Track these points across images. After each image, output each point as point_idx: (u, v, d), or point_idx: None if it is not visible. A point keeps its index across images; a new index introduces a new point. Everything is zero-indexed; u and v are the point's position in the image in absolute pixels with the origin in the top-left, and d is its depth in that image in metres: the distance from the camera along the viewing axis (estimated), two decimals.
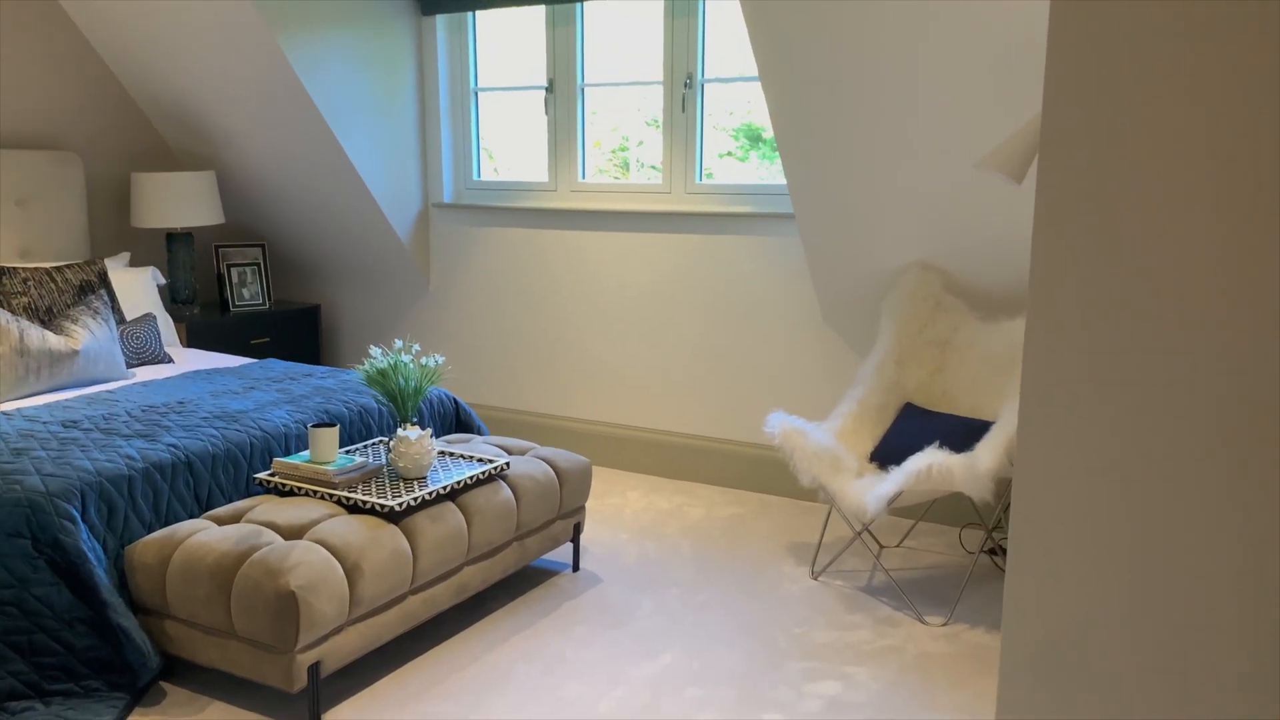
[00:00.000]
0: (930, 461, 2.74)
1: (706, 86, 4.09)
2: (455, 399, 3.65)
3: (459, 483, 2.86)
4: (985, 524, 3.23)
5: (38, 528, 2.42)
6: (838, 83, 3.13)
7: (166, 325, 4.24)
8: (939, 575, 3.31)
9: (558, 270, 4.45)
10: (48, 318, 3.67)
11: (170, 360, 3.94)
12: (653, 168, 4.31)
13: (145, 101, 4.59)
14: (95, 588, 2.44)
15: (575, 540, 3.31)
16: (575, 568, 3.32)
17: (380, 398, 3.12)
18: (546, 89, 4.40)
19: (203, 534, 2.54)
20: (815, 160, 3.36)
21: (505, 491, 2.98)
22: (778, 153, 3.52)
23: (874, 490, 2.87)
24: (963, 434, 3.10)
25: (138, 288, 4.19)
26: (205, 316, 4.60)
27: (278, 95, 4.15)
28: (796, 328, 3.96)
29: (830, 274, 3.69)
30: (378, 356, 2.95)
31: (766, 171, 4.11)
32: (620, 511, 3.88)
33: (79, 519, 2.49)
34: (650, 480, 4.26)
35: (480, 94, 4.63)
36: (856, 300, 3.71)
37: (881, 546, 3.52)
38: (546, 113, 4.42)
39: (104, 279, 3.97)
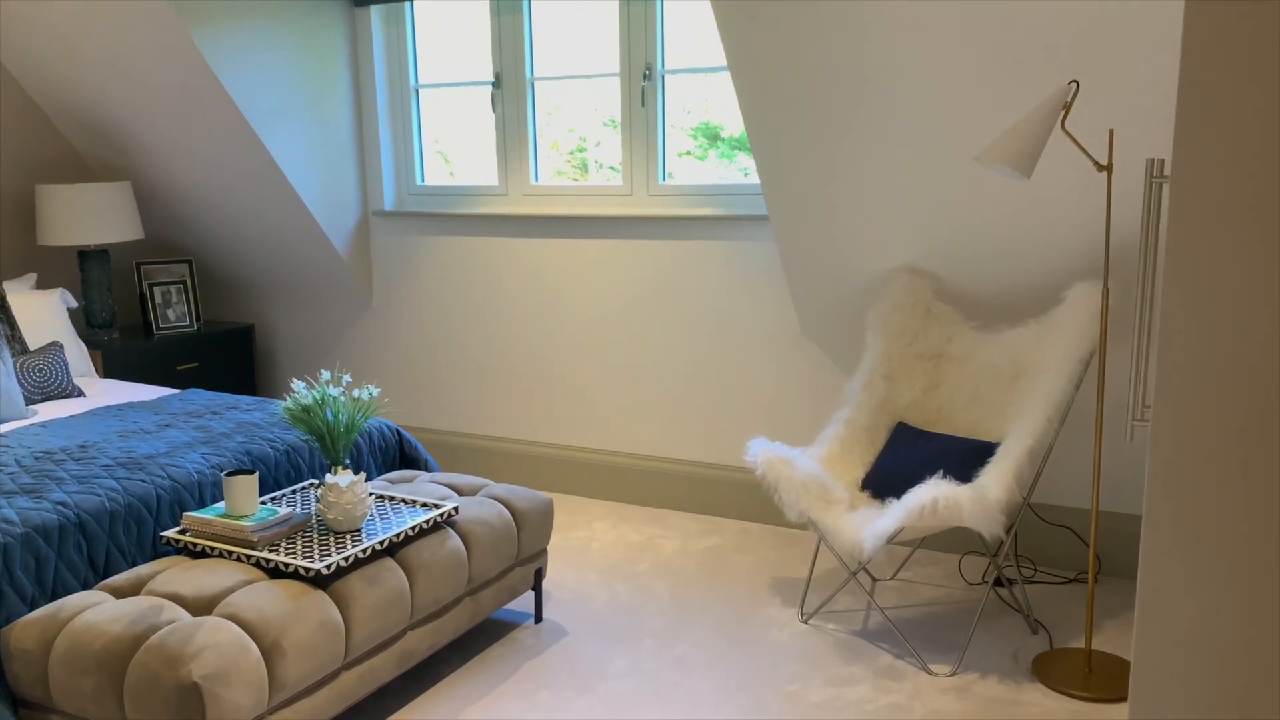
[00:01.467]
0: (935, 496, 2.42)
1: (668, 78, 3.75)
2: (399, 431, 3.28)
3: (399, 535, 2.50)
4: (988, 551, 2.92)
5: None
6: (815, 71, 2.80)
7: (79, 354, 3.83)
8: (940, 613, 3.00)
9: (512, 281, 4.08)
10: None
11: (80, 394, 3.53)
12: (612, 169, 3.96)
13: (50, 106, 4.16)
14: None
15: (537, 588, 2.96)
16: (538, 618, 2.97)
17: (307, 437, 2.75)
18: (493, 84, 4.03)
19: (93, 611, 2.15)
20: (790, 156, 3.03)
21: (454, 541, 2.62)
22: (740, 151, 3.19)
23: (871, 528, 2.55)
24: (963, 457, 2.79)
25: (44, 312, 3.77)
26: (125, 341, 4.18)
27: (194, 95, 3.75)
28: (772, 340, 3.63)
29: (808, 281, 3.36)
30: (301, 390, 2.57)
31: (726, 171, 3.77)
32: (587, 546, 3.53)
33: None
34: (618, 509, 3.91)
35: (421, 91, 4.26)
36: (838, 310, 3.39)
37: (875, 580, 3.20)
38: (494, 110, 4.06)
39: (2, 304, 3.56)
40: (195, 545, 2.43)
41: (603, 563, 3.38)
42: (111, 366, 4.03)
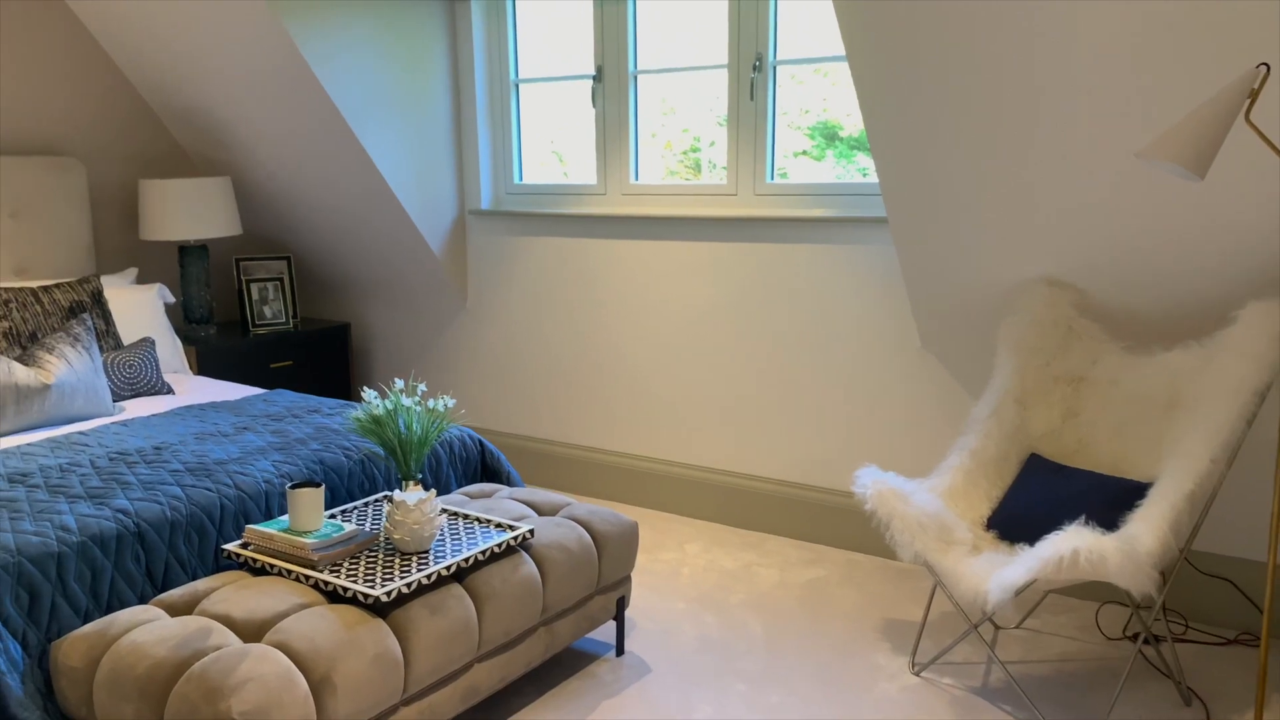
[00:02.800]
0: (1076, 546, 2.09)
1: (779, 69, 3.47)
2: (481, 441, 3.10)
3: (468, 560, 2.30)
4: (1133, 604, 2.55)
5: None
6: (944, 58, 2.48)
7: (173, 350, 3.78)
8: (1074, 671, 2.64)
9: (607, 284, 3.87)
10: (31, 345, 3.23)
11: (169, 391, 3.47)
12: (725, 168, 3.71)
13: (157, 101, 4.14)
14: (2, 700, 1.93)
15: (619, 618, 2.73)
16: (619, 651, 2.74)
17: (377, 450, 2.58)
18: (594, 78, 3.83)
19: (140, 631, 2.02)
20: (913, 152, 2.72)
21: (528, 567, 2.41)
22: (860, 151, 2.89)
23: (997, 577, 2.23)
24: (1107, 498, 2.43)
25: (141, 308, 3.74)
26: (222, 338, 4.14)
27: (290, 90, 3.66)
28: (889, 355, 3.31)
29: (931, 290, 3.04)
30: (373, 400, 2.40)
31: (844, 172, 3.47)
32: (677, 571, 3.28)
33: None
34: (713, 530, 3.65)
35: (521, 86, 4.08)
36: (964, 323, 3.06)
37: (998, 629, 2.86)
38: (594, 105, 3.85)
39: (98, 299, 3.53)
40: (255, 561, 2.29)
41: (692, 590, 3.13)
42: (206, 363, 3.99)
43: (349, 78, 3.63)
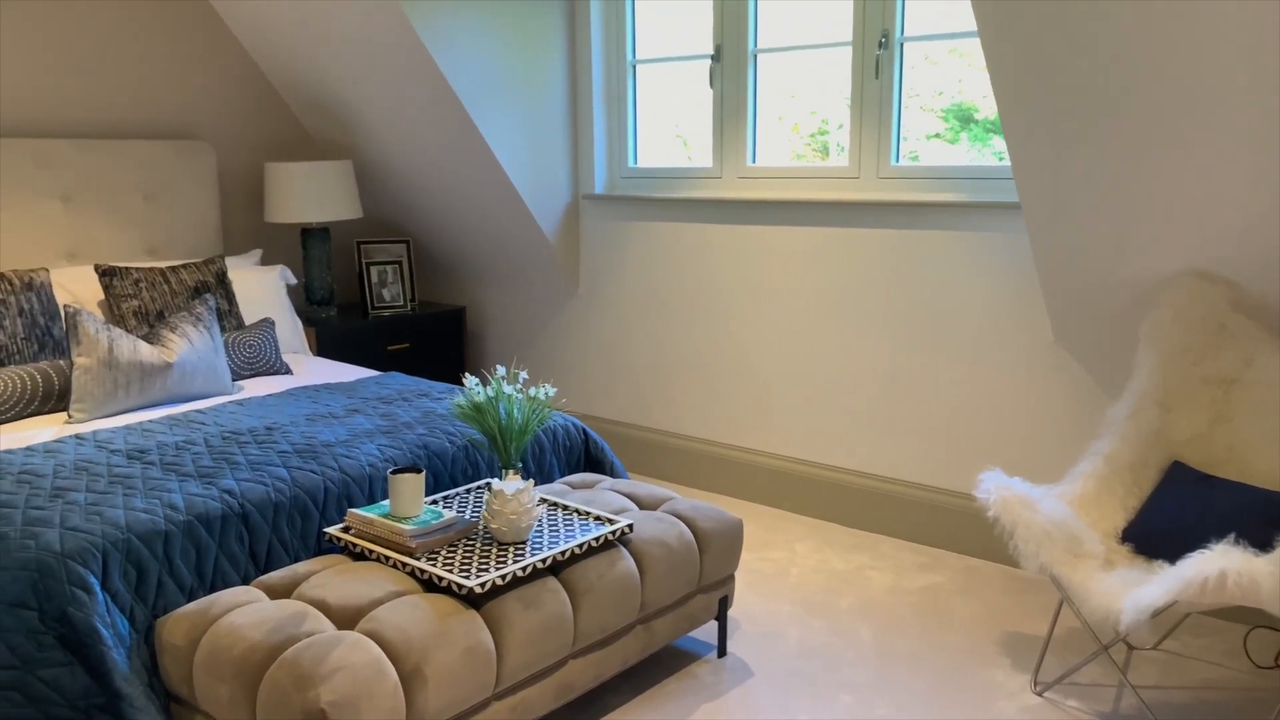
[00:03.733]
0: (1224, 568, 1.89)
1: (907, 48, 3.29)
2: (585, 430, 3.04)
3: (564, 553, 2.24)
4: None
5: (45, 597, 1.98)
6: (1085, 33, 2.28)
7: (294, 331, 3.86)
8: (1218, 701, 2.42)
9: (721, 271, 3.76)
10: (158, 323, 3.33)
11: (287, 371, 3.54)
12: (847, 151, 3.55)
13: (285, 89, 4.23)
14: (108, 674, 1.98)
15: (721, 618, 2.63)
16: (721, 652, 2.65)
17: (477, 438, 2.55)
18: (712, 58, 3.71)
19: (239, 612, 2.03)
20: (1050, 134, 2.51)
21: (626, 562, 2.34)
22: (996, 134, 2.69)
23: (1133, 596, 2.04)
24: (1261, 513, 2.21)
25: (263, 288, 3.82)
26: (341, 320, 4.21)
27: (409, 73, 3.67)
28: (1019, 349, 3.11)
29: (1066, 281, 2.82)
30: (475, 386, 2.37)
31: (979, 156, 3.26)
32: (784, 571, 3.16)
33: (97, 586, 2.04)
34: (824, 529, 3.51)
35: (638, 67, 4.00)
36: (1103, 317, 2.84)
37: (1131, 649, 2.64)
38: (712, 85, 3.74)
39: (222, 280, 3.62)
40: (355, 546, 2.29)
41: (800, 593, 3.01)
42: (325, 344, 4.06)
43: (466, 62, 3.62)
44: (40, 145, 3.51)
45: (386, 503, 2.37)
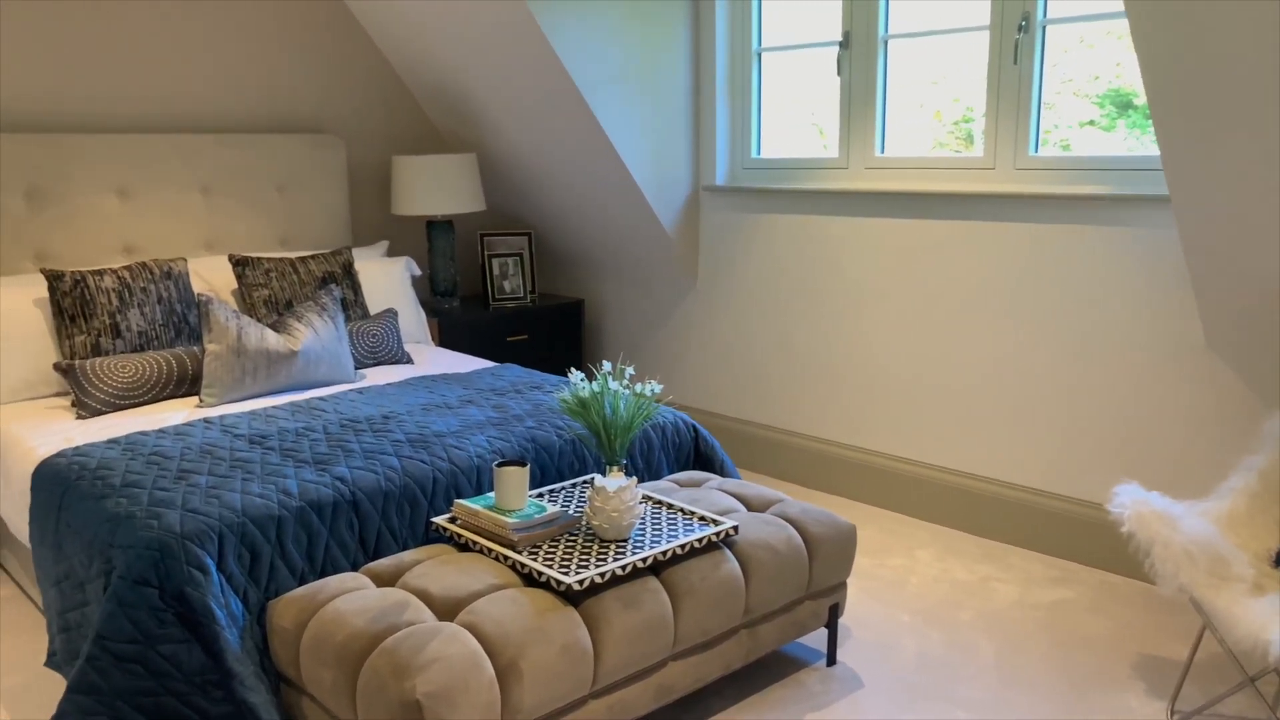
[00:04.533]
0: None
1: (1051, 30, 3.10)
2: (696, 426, 2.99)
3: (665, 553, 2.19)
4: None
5: (165, 576, 2.05)
6: (1246, 16, 2.08)
7: (417, 321, 3.94)
8: None
9: (845, 265, 3.64)
10: (286, 312, 3.44)
11: (409, 361, 3.61)
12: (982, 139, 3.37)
13: (413, 83, 4.32)
14: (221, 653, 2.04)
15: (831, 625, 2.54)
16: (830, 661, 2.55)
17: (583, 433, 2.52)
18: (840, 44, 3.59)
19: (345, 599, 2.06)
20: (1204, 122, 2.31)
21: (730, 565, 2.28)
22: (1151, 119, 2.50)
23: None
24: None
25: (388, 280, 3.91)
26: (463, 311, 4.27)
27: (530, 65, 3.68)
28: (1165, 353, 2.89)
29: (1220, 280, 2.60)
30: (580, 382, 2.34)
31: (1137, 144, 3.04)
32: (903, 579, 3.03)
33: (213, 568, 2.10)
34: (948, 536, 3.36)
35: (763, 55, 3.91)
36: (1260, 321, 2.60)
37: None
38: (839, 73, 3.62)
39: (348, 270, 3.71)
40: (460, 537, 2.30)
41: (919, 602, 2.88)
42: (447, 335, 4.13)
43: (587, 54, 3.60)
44: (183, 140, 3.67)
45: (492, 494, 2.38)
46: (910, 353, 3.49)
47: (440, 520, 2.36)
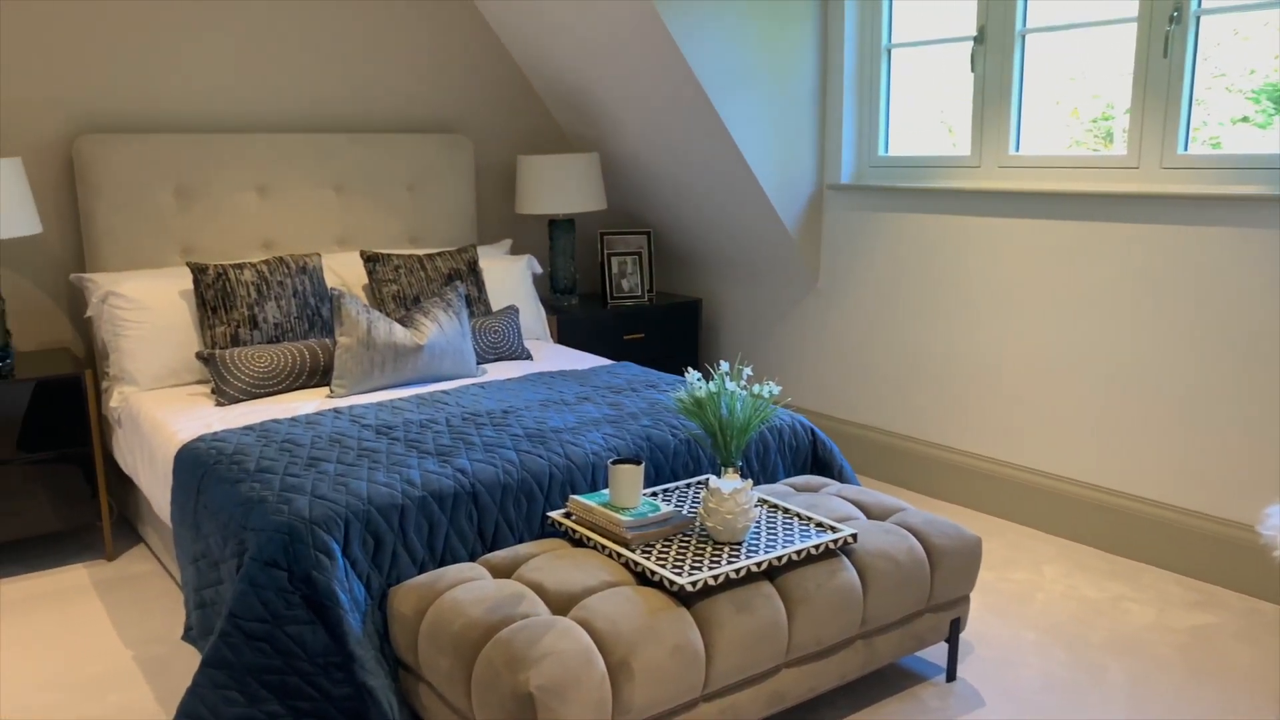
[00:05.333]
0: None
1: (1205, 21, 2.93)
2: (814, 430, 2.94)
3: (781, 558, 2.16)
4: None
5: (293, 559, 2.13)
6: None
7: (537, 318, 3.99)
8: None
9: (973, 267, 3.52)
10: (413, 308, 3.54)
11: (528, 357, 3.66)
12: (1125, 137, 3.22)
13: (540, 84, 4.38)
14: (343, 636, 2.10)
15: (952, 640, 2.46)
16: (950, 676, 2.47)
17: (698, 433, 2.51)
18: (975, 39, 3.48)
19: (463, 588, 2.10)
20: None
21: (848, 573, 2.23)
22: None
23: None
24: None
25: (510, 277, 3.98)
26: (581, 309, 4.31)
27: (656, 65, 3.68)
28: None
29: None
30: (696, 381, 2.33)
31: None
32: (1028, 595, 2.92)
33: (338, 553, 2.17)
34: (1077, 552, 3.21)
35: (893, 51, 3.81)
36: None
37: None
38: (973, 69, 3.50)
39: (473, 267, 3.79)
40: (575, 532, 2.31)
41: (1045, 620, 2.76)
42: (565, 332, 4.17)
43: (712, 52, 3.59)
44: (319, 139, 3.81)
45: (607, 491, 2.39)
46: (1039, 358, 3.35)
47: (555, 515, 2.38)
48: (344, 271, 3.67)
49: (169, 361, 3.24)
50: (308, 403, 3.06)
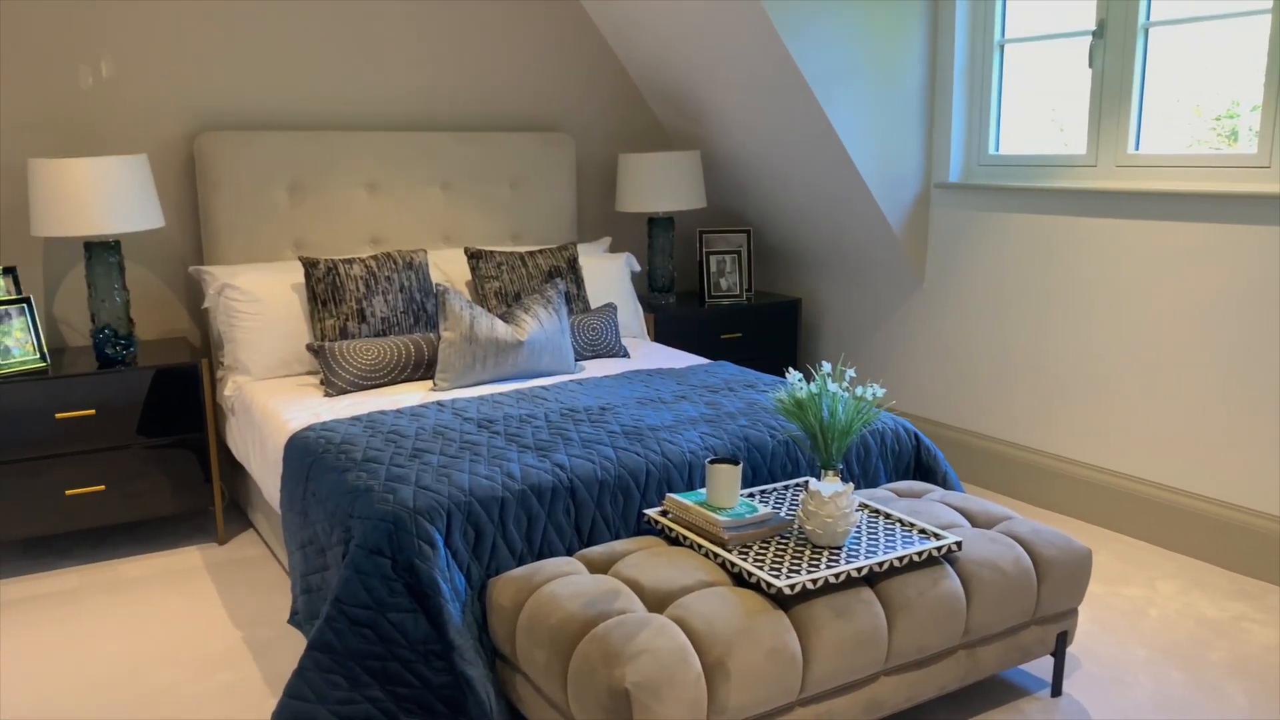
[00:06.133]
0: None
1: None
2: (917, 435, 2.87)
3: (882, 564, 2.12)
4: None
5: (397, 548, 2.18)
6: None
7: (634, 316, 4.00)
8: None
9: (1087, 269, 3.40)
10: (514, 304, 3.59)
11: (625, 354, 3.67)
12: (1256, 135, 3.06)
13: (642, 81, 4.39)
14: (444, 625, 2.14)
15: (1059, 654, 2.37)
16: (1055, 691, 2.39)
17: (798, 435, 2.47)
18: (1094, 34, 3.35)
19: (560, 582, 2.12)
20: None
21: (951, 581, 2.17)
22: None
23: None
24: None
25: (609, 275, 3.99)
26: (679, 307, 4.31)
27: (761, 62, 3.65)
28: None
29: None
30: (798, 382, 2.30)
31: None
32: (1141, 611, 2.80)
33: (440, 543, 2.21)
34: (1195, 568, 3.07)
35: (1006, 46, 3.71)
36: None
37: None
38: (1091, 65, 3.38)
39: (573, 265, 3.82)
40: (671, 530, 2.31)
41: (1158, 638, 2.64)
42: (662, 330, 4.17)
43: (818, 48, 3.54)
44: (427, 138, 3.89)
45: (704, 491, 2.37)
46: (1157, 365, 3.22)
47: (652, 513, 2.38)
48: (448, 267, 3.74)
49: (280, 352, 3.35)
50: (412, 395, 3.13)
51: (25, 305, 3.21)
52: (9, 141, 3.38)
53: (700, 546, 2.21)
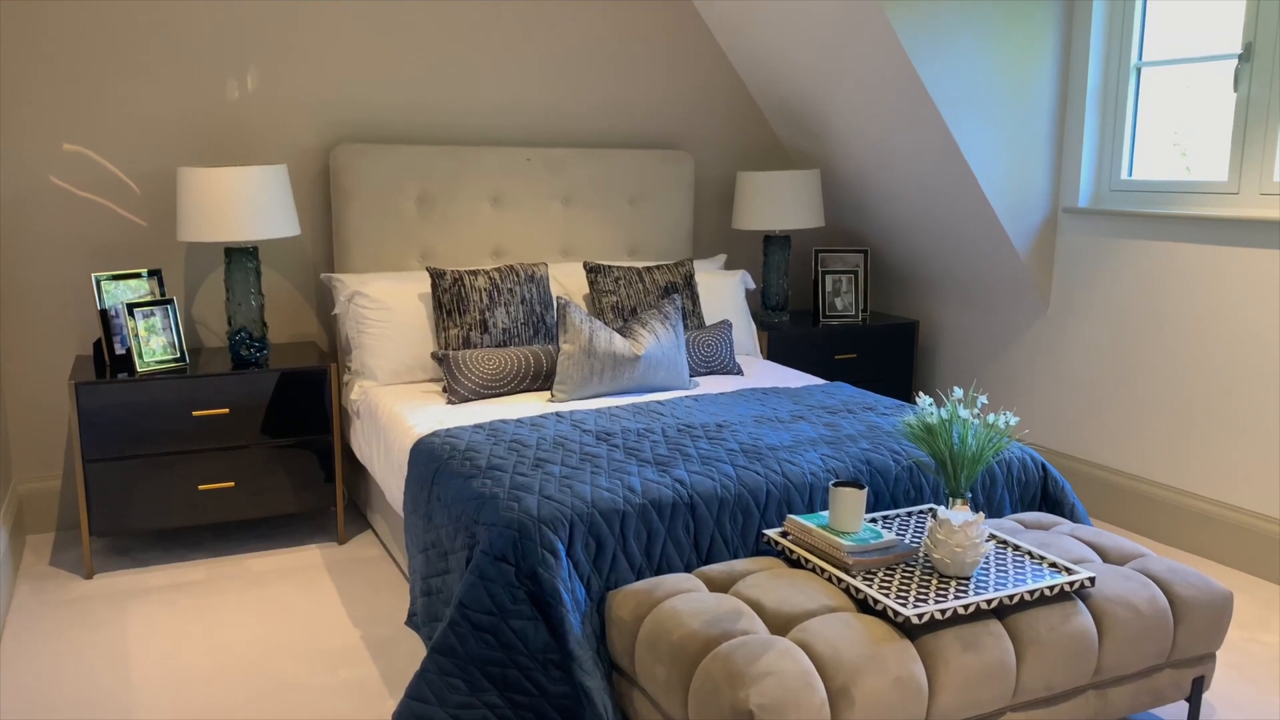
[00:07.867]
0: None
1: None
2: (1045, 465, 2.79)
3: (1012, 597, 2.06)
4: None
5: (521, 555, 2.21)
6: None
7: (747, 333, 3.99)
8: None
9: (1226, 299, 3.26)
10: (631, 318, 3.62)
11: (739, 372, 3.66)
12: None
13: (762, 99, 4.39)
14: (564, 635, 2.16)
15: (1194, 700, 2.27)
16: None
17: (926, 460, 2.43)
18: (1240, 57, 3.23)
19: (681, 598, 2.12)
20: None
21: (1082, 618, 2.10)
22: None
23: None
24: None
25: (724, 292, 4.00)
26: (792, 326, 4.28)
27: (887, 80, 3.62)
28: None
29: None
30: (928, 407, 2.26)
31: None
32: None
33: (563, 553, 2.23)
34: None
35: (1144, 69, 3.59)
36: None
37: None
38: (1236, 89, 3.25)
39: (689, 281, 3.84)
40: (792, 552, 2.29)
41: None
42: (775, 349, 4.15)
43: (948, 70, 3.49)
44: (552, 154, 3.96)
45: (825, 513, 2.35)
46: None
47: (772, 534, 2.37)
48: (567, 281, 3.79)
49: (406, 359, 3.44)
50: (531, 405, 3.18)
51: (169, 306, 3.37)
52: (161, 150, 3.56)
53: (823, 570, 2.19)
